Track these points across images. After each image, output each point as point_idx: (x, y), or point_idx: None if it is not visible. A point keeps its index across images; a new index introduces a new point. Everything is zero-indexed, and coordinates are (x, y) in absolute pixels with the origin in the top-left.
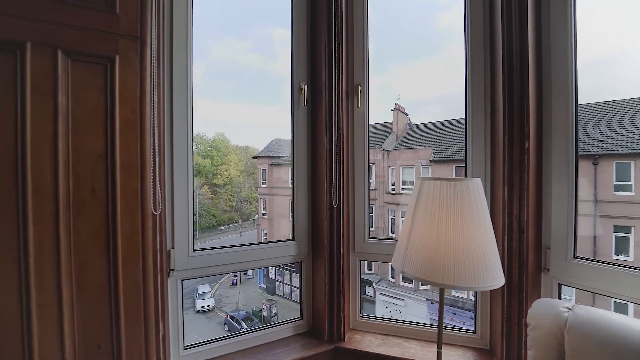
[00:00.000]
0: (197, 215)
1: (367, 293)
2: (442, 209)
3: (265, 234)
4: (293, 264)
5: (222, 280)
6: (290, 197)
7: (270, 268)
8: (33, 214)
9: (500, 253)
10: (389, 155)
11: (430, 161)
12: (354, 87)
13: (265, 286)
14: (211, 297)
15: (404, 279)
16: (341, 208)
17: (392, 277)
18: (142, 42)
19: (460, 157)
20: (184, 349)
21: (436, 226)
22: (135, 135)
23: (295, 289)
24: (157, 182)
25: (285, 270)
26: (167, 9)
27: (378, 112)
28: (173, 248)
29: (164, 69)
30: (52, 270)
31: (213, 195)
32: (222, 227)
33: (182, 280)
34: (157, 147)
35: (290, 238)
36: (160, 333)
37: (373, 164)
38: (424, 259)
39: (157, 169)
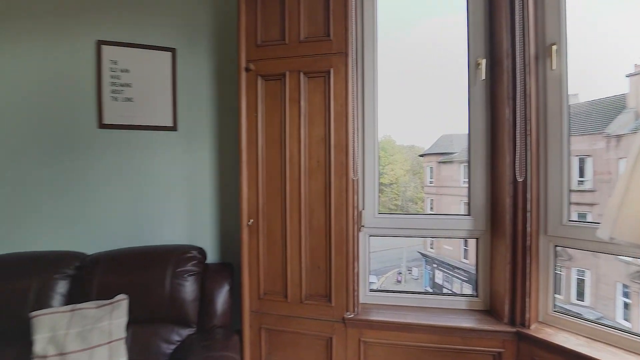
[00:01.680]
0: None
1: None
2: None
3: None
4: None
5: (388, 274)
6: (467, 182)
7: (436, 272)
8: (288, 176)
9: None
10: (620, 141)
11: None
12: (546, 48)
13: (431, 290)
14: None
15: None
16: (527, 183)
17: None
18: (346, 56)
19: None
20: (369, 291)
21: None
22: (342, 122)
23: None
24: (356, 156)
25: (454, 278)
26: (359, 27)
27: (591, 80)
28: (363, 209)
29: (358, 72)
30: (296, 211)
31: (380, 194)
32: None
33: (369, 236)
34: (355, 131)
35: (466, 213)
36: (355, 269)
37: (589, 155)
38: None
39: (355, 147)
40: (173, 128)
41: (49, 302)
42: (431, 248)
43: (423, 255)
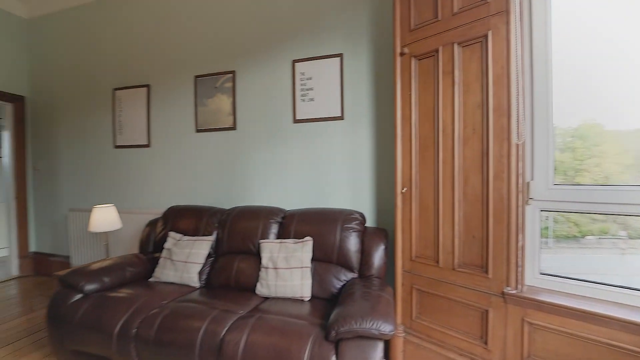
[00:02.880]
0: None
1: None
2: None
3: None
4: None
5: None
6: None
7: None
8: (441, 146)
9: None
10: None
11: None
12: None
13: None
14: None
15: None
16: None
17: None
18: (507, 13)
19: None
20: (540, 274)
21: None
22: (503, 84)
23: None
24: (520, 119)
25: None
26: None
27: None
28: (532, 180)
29: (524, 28)
30: (449, 180)
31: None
32: (589, 238)
33: (540, 211)
34: (521, 92)
35: None
36: (519, 243)
37: None
38: None
39: (520, 109)
40: (341, 117)
41: (268, 236)
42: None
43: None
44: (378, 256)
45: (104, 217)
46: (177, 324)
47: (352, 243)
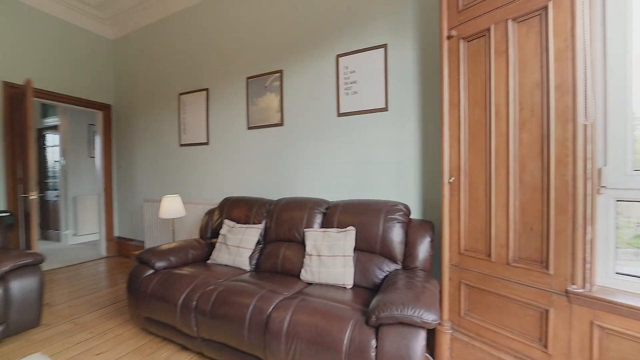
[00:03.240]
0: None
1: None
2: None
3: None
4: None
5: None
6: None
7: None
8: (494, 131)
9: None
10: None
11: None
12: None
13: None
14: None
15: None
16: None
17: None
18: None
19: None
20: (616, 274)
21: None
22: (567, 59)
23: None
24: (588, 97)
25: None
26: None
27: None
28: (605, 165)
29: None
30: (503, 167)
31: None
32: None
33: (617, 201)
34: (587, 67)
35: None
36: (588, 236)
37: None
38: None
39: (586, 85)
40: (385, 109)
41: (312, 225)
42: None
43: None
44: (423, 248)
45: (172, 206)
46: (230, 299)
47: (396, 234)
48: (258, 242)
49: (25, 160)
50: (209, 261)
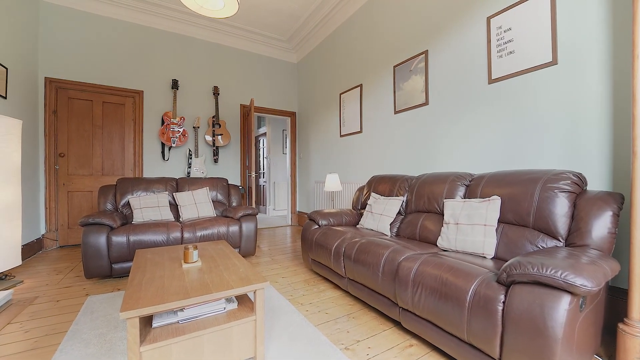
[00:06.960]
0: None
1: None
2: None
3: None
4: None
5: None
6: None
7: None
8: None
9: None
10: None
11: None
12: None
13: None
14: None
15: None
16: None
17: None
18: None
19: None
20: None
21: None
22: None
23: None
24: None
25: None
26: None
27: None
28: None
29: None
30: None
31: None
32: None
33: None
34: None
35: None
36: None
37: None
38: None
39: None
40: (552, 62)
41: (453, 196)
42: None
43: None
44: (600, 223)
45: (332, 182)
46: (369, 249)
47: (558, 205)
48: (399, 213)
49: (249, 154)
50: (357, 225)
